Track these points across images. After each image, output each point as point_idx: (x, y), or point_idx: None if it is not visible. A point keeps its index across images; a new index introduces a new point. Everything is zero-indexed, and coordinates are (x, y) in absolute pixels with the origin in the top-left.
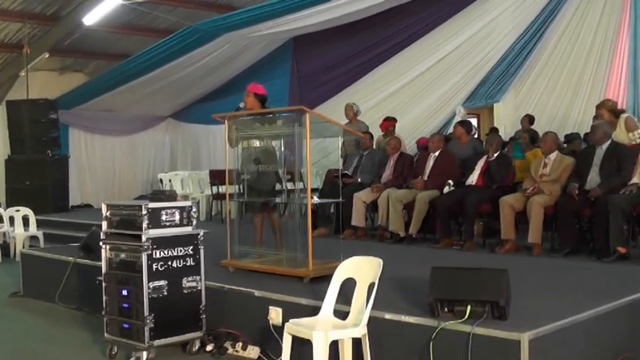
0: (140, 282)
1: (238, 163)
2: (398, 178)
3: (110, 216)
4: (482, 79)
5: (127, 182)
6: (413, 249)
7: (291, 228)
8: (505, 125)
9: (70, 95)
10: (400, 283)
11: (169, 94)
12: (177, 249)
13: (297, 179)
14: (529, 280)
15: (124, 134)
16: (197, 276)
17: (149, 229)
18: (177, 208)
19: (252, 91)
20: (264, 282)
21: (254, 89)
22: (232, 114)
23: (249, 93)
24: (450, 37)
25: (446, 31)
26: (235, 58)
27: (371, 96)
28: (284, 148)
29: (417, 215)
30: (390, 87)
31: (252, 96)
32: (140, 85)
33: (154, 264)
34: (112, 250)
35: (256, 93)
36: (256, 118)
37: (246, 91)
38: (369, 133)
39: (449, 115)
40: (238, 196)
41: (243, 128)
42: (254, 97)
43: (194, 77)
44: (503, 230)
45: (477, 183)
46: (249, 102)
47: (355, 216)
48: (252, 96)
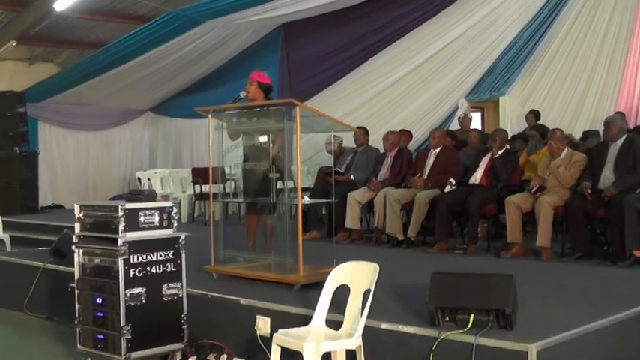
0: (116, 289)
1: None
2: (396, 176)
3: (83, 217)
4: (486, 70)
5: (102, 181)
6: (412, 253)
7: (280, 231)
8: (511, 120)
9: (39, 87)
10: (398, 290)
11: (149, 86)
12: (156, 253)
13: (287, 178)
14: (537, 286)
15: (99, 129)
16: (178, 282)
17: (126, 232)
18: (157, 209)
19: (255, 80)
20: (251, 289)
21: (258, 77)
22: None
23: (253, 81)
24: (452, 25)
25: (447, 19)
26: (220, 47)
27: (366, 88)
28: (272, 144)
29: (416, 216)
30: (386, 79)
31: (255, 85)
32: (117, 76)
33: (131, 269)
34: (86, 255)
35: (260, 82)
36: (242, 112)
37: (249, 79)
38: (364, 128)
39: (451, 108)
40: (223, 197)
41: (229, 123)
42: (257, 87)
43: (175, 68)
44: (510, 232)
45: (481, 182)
46: (251, 91)
47: (349, 217)
48: (255, 85)
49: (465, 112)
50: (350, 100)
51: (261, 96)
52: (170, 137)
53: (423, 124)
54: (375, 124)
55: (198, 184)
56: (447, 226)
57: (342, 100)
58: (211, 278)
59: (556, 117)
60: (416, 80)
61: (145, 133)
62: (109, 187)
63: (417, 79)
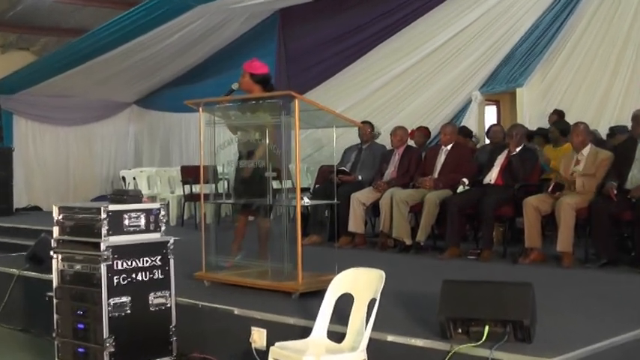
0: (98, 298)
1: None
2: (404, 175)
3: (63, 220)
4: (502, 59)
5: (82, 180)
6: (420, 259)
7: (278, 234)
8: (530, 114)
9: (14, 77)
10: (406, 300)
11: (134, 77)
12: (142, 259)
13: (285, 177)
14: (558, 295)
15: (80, 123)
16: (166, 291)
17: (109, 236)
18: (143, 211)
19: (247, 71)
20: (246, 298)
21: (250, 68)
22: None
23: (245, 72)
24: (464, 11)
25: (459, 3)
26: (211, 35)
27: (371, 80)
28: (269, 140)
29: (425, 219)
30: (393, 69)
31: (247, 77)
32: (99, 65)
33: (115, 277)
34: (65, 261)
35: (252, 73)
36: (236, 105)
37: (242, 70)
38: (369, 122)
39: (463, 102)
40: (215, 197)
41: (222, 117)
42: (250, 79)
43: (163, 57)
44: (528, 237)
45: (497, 181)
46: (244, 84)
47: (353, 220)
48: (247, 77)
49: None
50: (353, 92)
51: (257, 88)
52: (157, 133)
53: (433, 118)
54: (381, 118)
55: (188, 183)
56: (459, 230)
57: (345, 92)
58: (202, 286)
59: (579, 111)
60: (425, 71)
61: (129, 128)
62: (90, 187)
63: (426, 69)
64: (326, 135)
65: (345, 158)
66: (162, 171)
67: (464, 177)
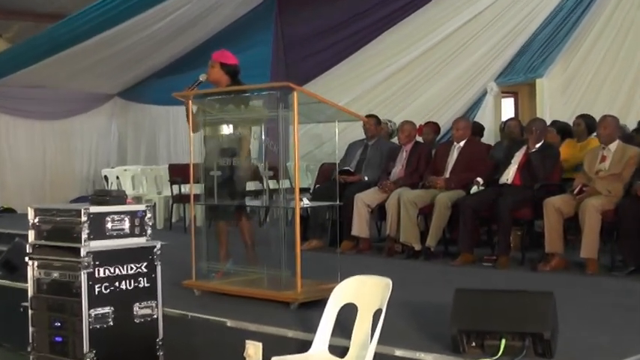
0: (78, 309)
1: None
2: (412, 174)
3: (39, 223)
4: (520, 47)
5: (61, 180)
6: (431, 266)
7: (275, 239)
8: (550, 107)
9: None
10: (415, 310)
11: (117, 67)
12: (126, 266)
13: (282, 176)
14: (582, 306)
15: (58, 117)
16: (153, 301)
17: (90, 241)
18: (128, 213)
19: (217, 61)
20: (240, 308)
21: (220, 58)
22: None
23: (214, 63)
24: None
25: None
26: (202, 20)
27: (376, 70)
28: (265, 136)
29: (436, 222)
30: (400, 59)
31: (217, 67)
32: (79, 54)
33: (96, 285)
34: (42, 268)
35: (223, 63)
36: (229, 97)
37: (211, 60)
38: (375, 116)
39: (477, 94)
40: (206, 199)
41: (212, 110)
42: (220, 69)
43: (149, 45)
44: (548, 241)
45: (514, 181)
46: (213, 74)
47: (357, 224)
48: (217, 67)
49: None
50: (357, 84)
51: (226, 80)
52: (143, 128)
53: (445, 112)
54: (387, 112)
55: (176, 183)
56: (472, 234)
57: (348, 84)
58: (192, 296)
59: (604, 103)
60: (435, 60)
61: (112, 123)
62: (69, 187)
63: (437, 58)
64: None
65: (349, 155)
66: (149, 169)
67: (478, 176)
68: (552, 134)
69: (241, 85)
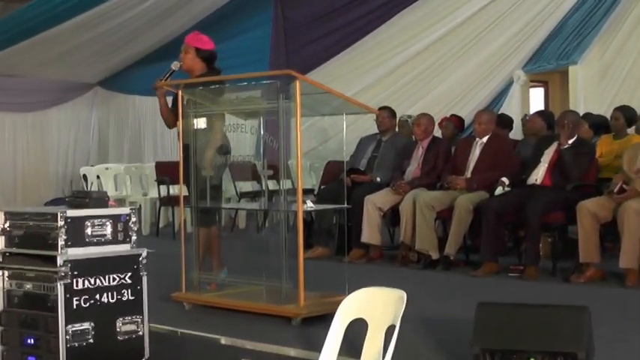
0: (54, 325)
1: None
2: (429, 173)
3: (10, 229)
4: (550, 32)
5: (34, 179)
6: (450, 277)
7: (275, 246)
8: (585, 98)
9: None
10: (432, 327)
11: (97, 52)
12: (108, 277)
13: (283, 176)
14: (620, 322)
15: (31, 109)
16: (138, 316)
17: (68, 248)
18: (110, 217)
19: (192, 45)
20: (235, 324)
21: (195, 42)
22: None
23: (189, 48)
24: None
25: None
26: (192, 1)
27: (388, 56)
28: (263, 130)
29: (456, 228)
30: (415, 44)
31: (192, 52)
32: (54, 38)
33: (74, 298)
34: (13, 279)
35: (199, 48)
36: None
37: (184, 45)
38: (389, 108)
39: (502, 83)
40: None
41: (204, 102)
42: (195, 55)
43: (134, 27)
44: (583, 250)
45: (544, 182)
46: (187, 61)
47: (367, 229)
48: (192, 52)
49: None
50: (367, 72)
51: (201, 66)
52: (126, 121)
53: (466, 104)
54: (401, 104)
55: (164, 183)
56: (497, 241)
57: (357, 72)
58: (182, 310)
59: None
60: (454, 46)
61: (92, 116)
62: (43, 188)
63: (456, 44)
64: (333, 124)
65: (359, 152)
66: (133, 168)
67: (503, 176)
68: (585, 129)
69: (217, 73)
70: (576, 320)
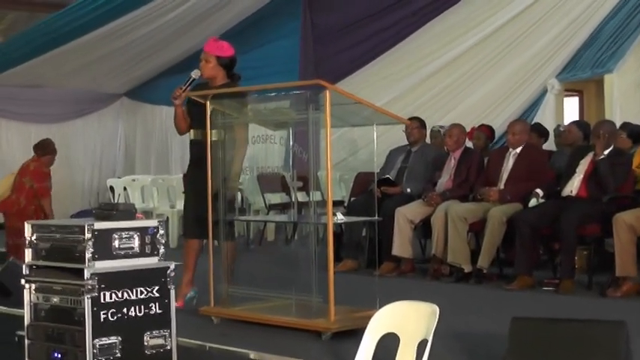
0: (81, 339)
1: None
2: (461, 185)
3: (37, 241)
4: (585, 39)
5: (60, 192)
6: (483, 290)
7: (304, 260)
8: (622, 107)
9: None
10: (465, 342)
11: (124, 63)
12: (136, 290)
13: (313, 187)
14: None
15: (57, 120)
16: (166, 330)
17: (95, 261)
18: (137, 229)
19: (213, 53)
20: (265, 339)
21: (216, 50)
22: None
23: (210, 56)
24: None
25: None
26: (222, 9)
27: (418, 66)
28: (293, 141)
29: (489, 240)
30: (446, 53)
31: (213, 61)
32: (80, 48)
33: (101, 312)
34: (40, 292)
35: (220, 56)
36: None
37: (204, 54)
38: (419, 118)
39: (536, 93)
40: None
41: (233, 112)
42: (216, 63)
43: (161, 37)
44: (619, 263)
45: (580, 193)
46: (208, 70)
47: (398, 242)
48: (213, 61)
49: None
50: (397, 82)
51: (222, 75)
52: (153, 132)
53: (498, 114)
54: (432, 114)
55: None
56: (531, 254)
57: (386, 82)
58: (211, 324)
59: None
60: (487, 55)
61: (118, 127)
62: (70, 200)
63: (489, 52)
64: (363, 135)
65: (389, 163)
66: (160, 180)
67: (537, 187)
68: (623, 139)
69: (237, 79)
70: (613, 335)
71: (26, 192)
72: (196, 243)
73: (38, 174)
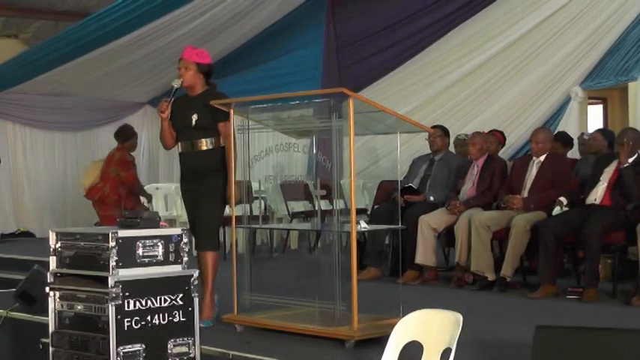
0: (105, 346)
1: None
2: (485, 193)
3: (61, 249)
4: (609, 47)
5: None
6: (507, 299)
7: (327, 268)
8: None
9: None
10: (488, 350)
11: (147, 71)
12: (160, 298)
13: (336, 196)
14: None
15: (81, 128)
16: (189, 337)
17: (119, 269)
18: (161, 237)
19: (193, 61)
20: (288, 347)
21: (196, 57)
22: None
23: (189, 64)
24: None
25: None
26: (243, 19)
27: (440, 74)
28: (316, 149)
29: (513, 249)
30: (468, 61)
31: (193, 68)
32: (104, 57)
33: (125, 320)
34: (64, 300)
35: (200, 63)
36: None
37: (183, 61)
38: (442, 127)
39: (560, 101)
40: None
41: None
42: (197, 70)
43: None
44: None
45: (604, 201)
46: (189, 78)
47: (421, 250)
48: (193, 68)
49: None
50: (419, 90)
51: (202, 82)
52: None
53: (521, 122)
54: (454, 123)
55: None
56: (555, 263)
57: (409, 90)
58: (234, 332)
59: None
60: (509, 63)
61: (142, 135)
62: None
63: (511, 61)
64: (383, 144)
65: (412, 172)
66: None
67: (561, 195)
68: None
69: (214, 87)
70: (639, 344)
71: (111, 180)
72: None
73: (123, 163)
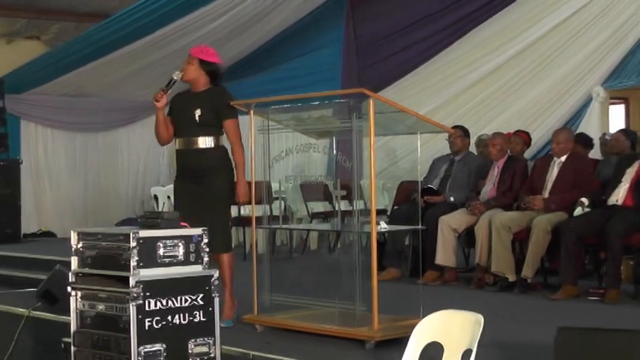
0: (126, 346)
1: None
2: (505, 193)
3: (82, 249)
4: (632, 46)
5: (105, 200)
6: (528, 300)
7: (347, 268)
8: None
9: (21, 73)
10: (509, 351)
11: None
12: (180, 298)
13: (356, 196)
14: None
15: (102, 129)
16: (210, 337)
17: (140, 269)
18: (181, 238)
19: (196, 56)
20: (308, 347)
21: (200, 54)
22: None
23: (192, 59)
24: None
25: None
26: (262, 20)
27: (461, 75)
28: (336, 150)
29: (533, 250)
30: (489, 61)
31: (195, 64)
32: (125, 58)
33: (146, 319)
34: (86, 300)
35: (203, 60)
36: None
37: (188, 57)
38: (462, 127)
39: (581, 101)
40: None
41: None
42: (199, 66)
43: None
44: None
45: (626, 202)
46: (189, 72)
47: (441, 251)
48: (195, 64)
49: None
50: (439, 90)
51: (205, 80)
52: None
53: (542, 122)
54: (474, 123)
55: (235, 203)
56: (576, 264)
57: (429, 90)
58: (254, 332)
59: None
60: (530, 63)
61: None
62: (114, 208)
63: (533, 60)
64: (403, 144)
65: (432, 172)
66: None
67: (582, 196)
68: None
69: (222, 88)
70: None
71: None
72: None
73: None
